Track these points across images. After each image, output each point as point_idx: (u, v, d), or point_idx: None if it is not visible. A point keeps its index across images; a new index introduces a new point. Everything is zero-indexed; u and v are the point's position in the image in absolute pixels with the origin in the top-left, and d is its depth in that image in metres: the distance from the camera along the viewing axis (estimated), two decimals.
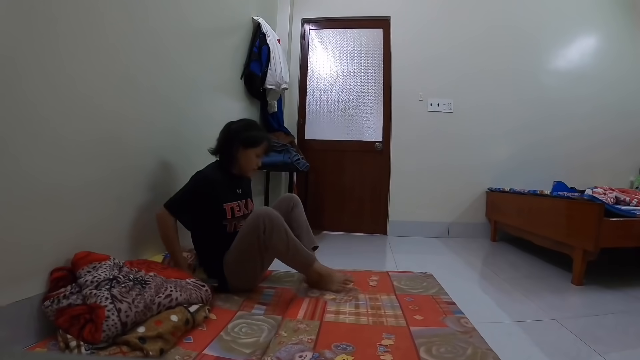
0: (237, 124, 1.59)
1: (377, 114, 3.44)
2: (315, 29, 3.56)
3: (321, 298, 1.48)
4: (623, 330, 1.31)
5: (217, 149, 1.59)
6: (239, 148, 1.53)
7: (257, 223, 1.40)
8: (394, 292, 1.60)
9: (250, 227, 1.42)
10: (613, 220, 1.75)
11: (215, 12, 2.13)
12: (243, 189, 1.63)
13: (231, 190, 1.56)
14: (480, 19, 3.32)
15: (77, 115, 1.15)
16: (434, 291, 1.62)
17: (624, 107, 3.27)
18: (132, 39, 1.40)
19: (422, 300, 1.50)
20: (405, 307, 1.41)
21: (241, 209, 1.56)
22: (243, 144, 1.53)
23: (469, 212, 3.28)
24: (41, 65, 1.01)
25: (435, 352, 1.04)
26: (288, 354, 1.01)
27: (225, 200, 1.51)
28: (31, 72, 0.98)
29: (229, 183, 1.56)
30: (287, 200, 1.75)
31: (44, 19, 1.01)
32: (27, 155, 0.98)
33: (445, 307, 1.42)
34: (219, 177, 1.51)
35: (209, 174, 1.49)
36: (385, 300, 1.48)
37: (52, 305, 1.00)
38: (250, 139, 1.54)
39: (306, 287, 1.62)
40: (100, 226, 1.27)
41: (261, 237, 1.40)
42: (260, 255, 1.45)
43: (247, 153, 1.55)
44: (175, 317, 1.08)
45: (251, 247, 1.42)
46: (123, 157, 1.38)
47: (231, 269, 1.46)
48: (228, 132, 1.56)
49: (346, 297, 1.49)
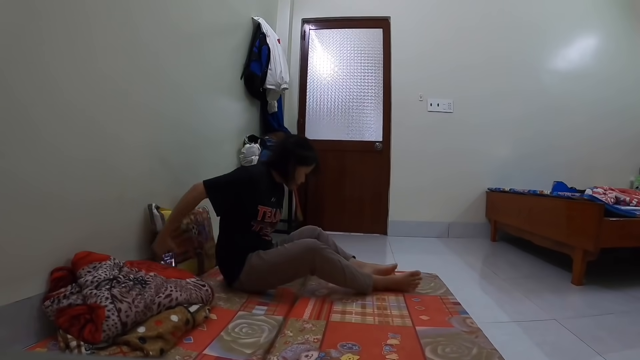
0: (294, 139, 1.69)
1: (377, 114, 3.44)
2: (315, 29, 3.56)
3: (327, 298, 1.49)
4: (623, 330, 1.31)
5: (271, 159, 1.67)
6: (295, 163, 1.61)
7: (309, 256, 1.46)
8: (402, 292, 1.59)
9: (301, 259, 1.47)
10: (613, 220, 1.75)
11: (215, 12, 2.13)
12: (277, 199, 1.68)
13: (268, 196, 1.60)
14: (481, 20, 3.32)
15: (78, 115, 1.15)
16: (442, 292, 1.62)
17: (624, 107, 3.28)
18: (132, 39, 1.40)
19: (429, 300, 1.50)
20: (411, 307, 1.42)
21: (272, 217, 1.60)
22: (298, 161, 1.61)
23: (469, 212, 3.28)
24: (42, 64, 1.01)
25: (441, 352, 1.04)
26: (294, 354, 1.01)
27: (261, 203, 1.54)
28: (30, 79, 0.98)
29: (269, 189, 1.61)
30: (310, 230, 1.82)
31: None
32: (27, 156, 0.98)
33: (452, 307, 1.42)
34: (263, 180, 1.57)
35: (255, 173, 1.55)
36: (392, 301, 1.48)
37: (52, 305, 1.00)
38: (305, 157, 1.64)
39: (310, 287, 1.64)
40: (101, 226, 1.27)
41: (314, 270, 1.49)
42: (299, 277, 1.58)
43: (300, 170, 1.64)
44: (176, 317, 1.08)
45: (295, 272, 1.52)
46: (123, 157, 1.38)
47: (258, 273, 1.48)
48: (285, 146, 1.64)
49: (352, 297, 1.51)
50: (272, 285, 1.55)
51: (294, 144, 1.63)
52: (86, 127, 1.19)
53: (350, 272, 1.50)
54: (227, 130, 2.38)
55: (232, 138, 2.45)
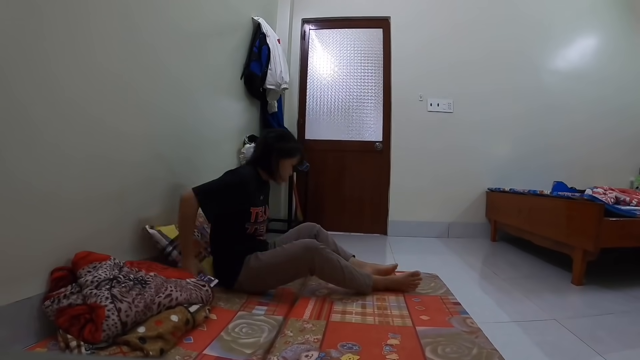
0: (274, 133, 1.66)
1: (377, 114, 3.44)
2: (315, 29, 3.56)
3: (328, 298, 1.49)
4: (623, 330, 1.31)
5: (254, 157, 1.64)
6: (278, 157, 1.59)
7: (308, 257, 1.46)
8: (402, 292, 1.59)
9: (300, 259, 1.47)
10: (613, 220, 1.75)
11: (215, 12, 2.13)
12: (264, 196, 1.68)
13: (257, 196, 1.59)
14: (481, 19, 3.32)
15: (77, 115, 1.15)
16: (442, 292, 1.62)
17: (624, 107, 3.28)
18: (132, 39, 1.40)
19: (430, 300, 1.50)
20: (411, 307, 1.42)
21: (262, 215, 1.60)
22: (282, 155, 1.59)
23: (469, 212, 3.28)
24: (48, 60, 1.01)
25: (441, 352, 1.05)
26: (294, 354, 1.01)
27: (253, 204, 1.54)
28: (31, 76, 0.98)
29: (257, 188, 1.60)
30: (309, 227, 1.80)
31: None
32: (27, 155, 0.98)
33: (452, 307, 1.42)
34: (253, 181, 1.55)
35: (245, 175, 1.52)
36: (392, 301, 1.48)
37: (52, 305, 1.00)
38: (288, 149, 1.61)
39: (310, 287, 1.63)
40: (101, 226, 1.27)
41: (313, 270, 1.48)
42: (298, 277, 1.56)
43: (285, 163, 1.62)
44: (176, 317, 1.08)
45: (295, 272, 1.51)
46: (123, 157, 1.38)
47: (257, 275, 1.48)
48: (266, 142, 1.61)
49: (352, 297, 1.51)
50: (271, 286, 1.55)
51: (275, 138, 1.61)
52: (86, 126, 1.19)
53: (350, 272, 1.50)
54: (227, 130, 2.38)
55: (232, 138, 2.45)
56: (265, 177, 1.64)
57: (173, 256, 1.52)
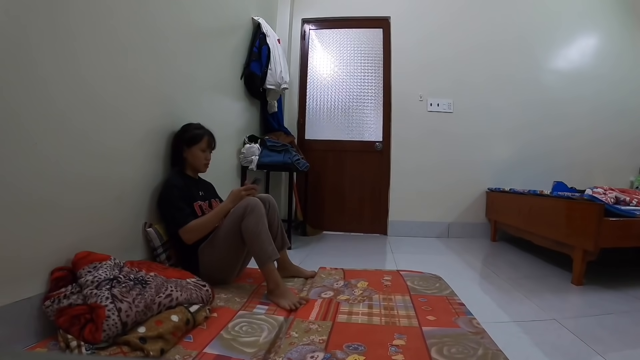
0: (179, 130, 1.70)
1: (377, 114, 3.44)
2: (315, 29, 3.56)
3: (334, 299, 1.49)
4: (623, 330, 1.31)
5: (171, 158, 1.69)
6: (184, 148, 1.64)
7: (242, 205, 1.50)
8: (409, 292, 1.59)
9: (236, 211, 1.51)
10: (613, 220, 1.75)
11: (215, 12, 2.13)
12: (204, 191, 1.72)
13: (195, 192, 1.65)
14: (481, 19, 3.33)
15: (77, 116, 1.15)
16: (448, 292, 1.61)
17: (624, 106, 3.28)
18: (132, 39, 1.40)
19: (436, 301, 1.50)
20: (418, 307, 1.41)
21: (208, 208, 1.65)
22: (186, 143, 1.64)
23: (469, 212, 3.28)
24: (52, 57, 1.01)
25: (447, 352, 1.04)
26: (299, 355, 1.01)
27: (194, 200, 1.61)
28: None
29: (190, 185, 1.64)
30: (264, 200, 1.77)
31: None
32: (26, 155, 0.98)
33: (458, 308, 1.42)
34: (181, 181, 1.60)
35: (174, 179, 1.58)
36: (399, 301, 1.48)
37: (52, 305, 1.00)
38: (191, 137, 1.65)
39: (316, 289, 1.62)
40: (101, 226, 1.27)
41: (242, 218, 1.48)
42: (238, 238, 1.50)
43: (192, 150, 1.65)
44: (176, 317, 1.08)
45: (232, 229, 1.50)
46: (122, 156, 1.38)
47: (208, 258, 1.52)
48: (173, 139, 1.68)
49: (359, 298, 1.50)
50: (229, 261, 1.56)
51: (178, 132, 1.67)
52: (86, 126, 1.19)
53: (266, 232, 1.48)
54: (227, 130, 2.38)
55: (232, 138, 2.45)
56: (190, 172, 1.69)
57: (161, 259, 1.54)
